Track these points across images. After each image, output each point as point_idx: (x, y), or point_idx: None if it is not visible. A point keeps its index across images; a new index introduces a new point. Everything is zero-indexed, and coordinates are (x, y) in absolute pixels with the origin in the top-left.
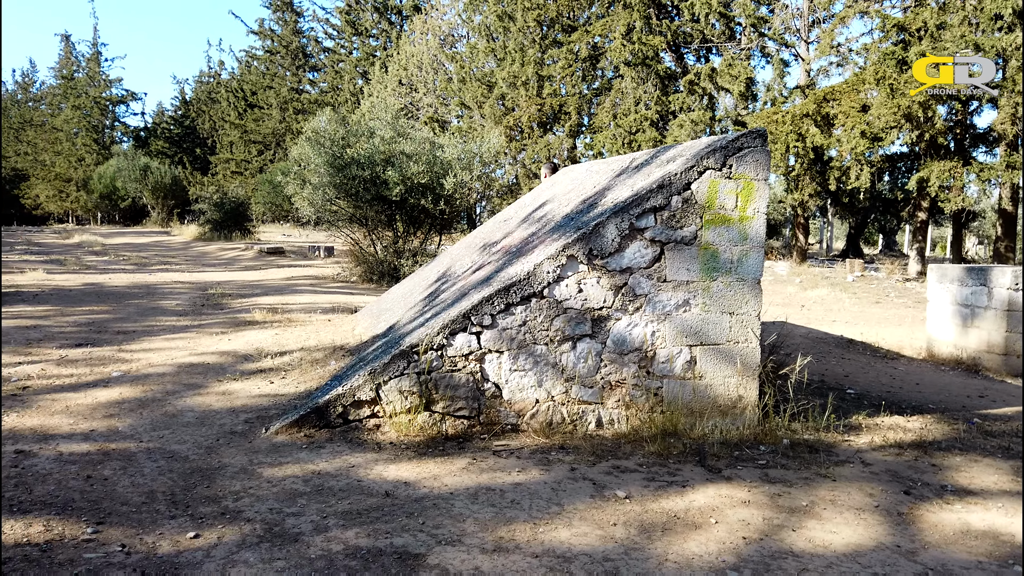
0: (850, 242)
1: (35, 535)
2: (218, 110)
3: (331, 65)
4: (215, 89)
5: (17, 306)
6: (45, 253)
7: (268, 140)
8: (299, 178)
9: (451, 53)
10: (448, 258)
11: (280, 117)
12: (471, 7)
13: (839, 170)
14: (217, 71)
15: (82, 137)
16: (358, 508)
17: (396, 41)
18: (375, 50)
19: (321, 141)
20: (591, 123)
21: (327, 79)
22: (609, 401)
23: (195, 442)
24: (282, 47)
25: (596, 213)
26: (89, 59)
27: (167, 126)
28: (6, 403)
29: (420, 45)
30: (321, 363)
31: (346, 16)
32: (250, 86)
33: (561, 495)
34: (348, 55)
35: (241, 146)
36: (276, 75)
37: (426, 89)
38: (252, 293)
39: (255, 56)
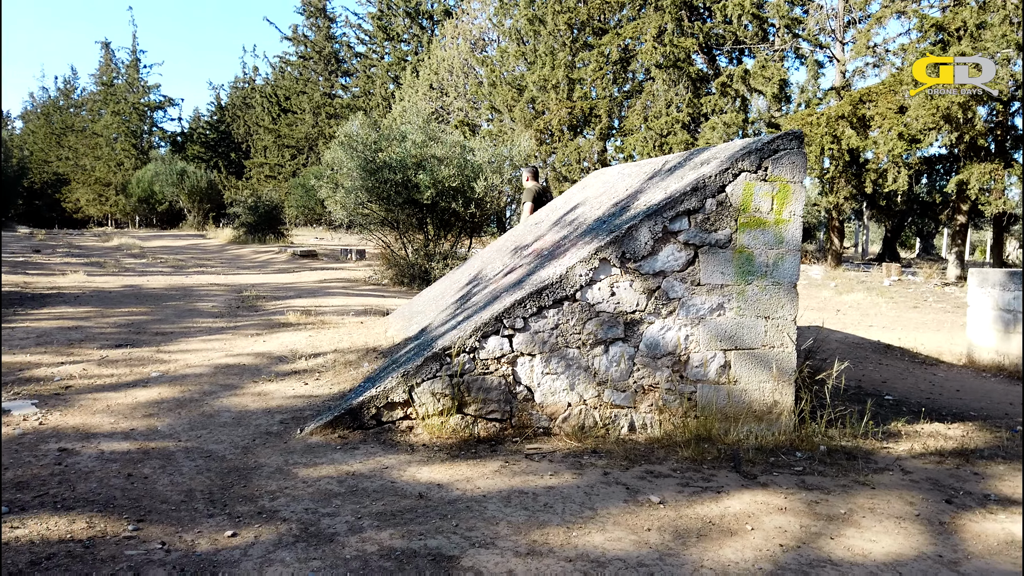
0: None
1: (78, 531)
2: (252, 115)
3: (363, 70)
4: (249, 94)
5: (59, 307)
6: (85, 255)
7: (301, 144)
8: (332, 182)
9: (481, 57)
10: (479, 261)
11: (313, 122)
12: (502, 11)
13: (876, 172)
14: (252, 77)
15: (121, 142)
16: (392, 509)
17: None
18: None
19: (353, 145)
20: (621, 126)
21: (359, 84)
22: (642, 405)
23: (232, 442)
24: (315, 52)
25: (629, 216)
26: (128, 66)
27: (203, 131)
28: (49, 402)
29: (451, 49)
30: (354, 365)
31: (378, 21)
32: (284, 91)
33: (594, 499)
34: (380, 60)
35: (275, 150)
36: (309, 80)
37: (456, 93)
38: (286, 295)
39: (289, 62)
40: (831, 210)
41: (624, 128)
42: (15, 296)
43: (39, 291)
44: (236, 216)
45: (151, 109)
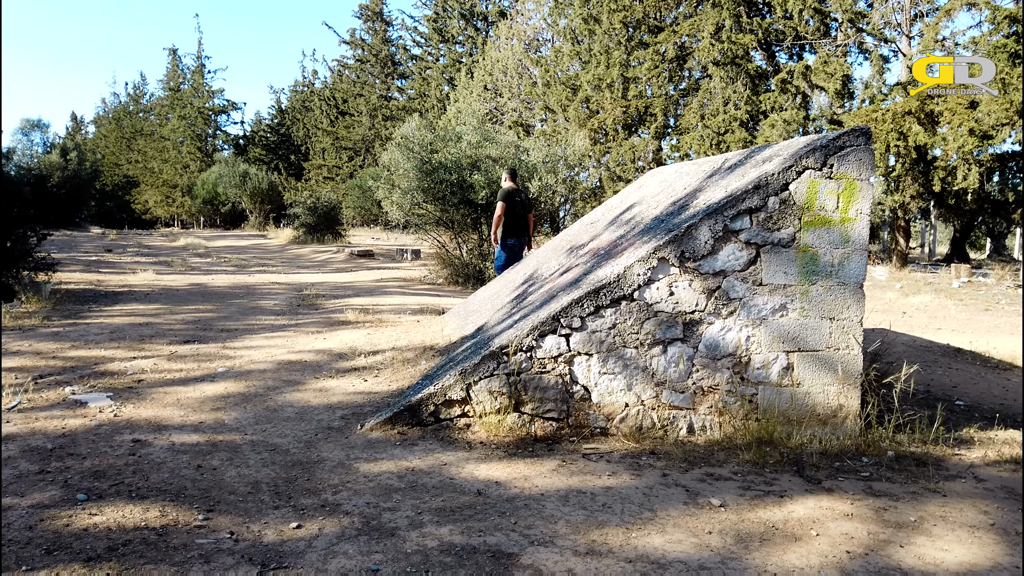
0: (955, 246)
1: (152, 520)
2: (311, 118)
3: (419, 72)
4: (309, 98)
5: (130, 304)
6: (154, 255)
7: (358, 146)
8: (388, 183)
9: (536, 57)
10: (535, 260)
11: (370, 124)
12: (556, 11)
13: (944, 170)
14: (311, 80)
15: (187, 145)
16: (451, 505)
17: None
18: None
19: (410, 146)
20: (677, 124)
21: (414, 86)
22: (701, 407)
23: (295, 436)
24: (372, 56)
25: (688, 215)
26: (194, 71)
27: (264, 134)
28: (123, 395)
29: (505, 50)
30: (412, 362)
31: (433, 24)
32: (341, 94)
33: (653, 501)
34: (435, 62)
35: (332, 152)
36: (366, 83)
37: (511, 94)
38: (344, 294)
39: (346, 65)
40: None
41: (680, 127)
42: (89, 293)
43: (112, 289)
44: (296, 217)
45: (215, 113)
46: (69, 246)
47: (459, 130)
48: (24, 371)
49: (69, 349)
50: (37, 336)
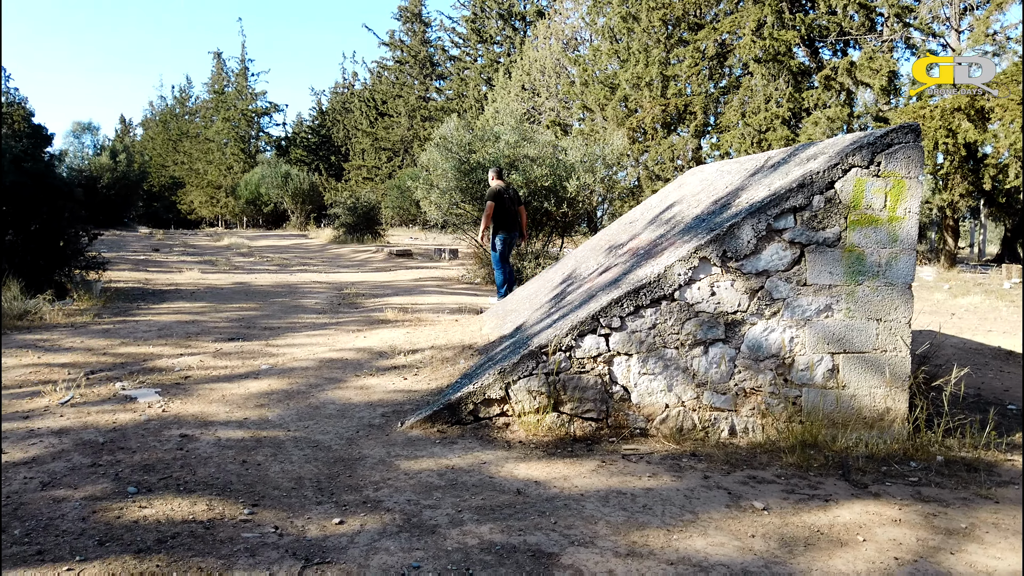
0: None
1: (199, 513)
2: (351, 119)
3: (457, 73)
4: (349, 99)
5: (177, 302)
6: (199, 254)
7: (397, 147)
8: (427, 183)
9: (574, 56)
10: (572, 260)
11: (408, 124)
12: (595, 10)
13: (995, 168)
14: (351, 82)
15: (231, 147)
16: (491, 504)
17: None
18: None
19: (448, 147)
20: (717, 123)
21: (453, 86)
22: (743, 409)
23: (337, 433)
24: (411, 57)
25: (730, 214)
26: (238, 74)
27: (305, 135)
28: (171, 391)
29: (543, 50)
30: (451, 361)
31: (472, 24)
32: (381, 95)
33: (695, 503)
34: (473, 62)
35: (372, 153)
36: (405, 84)
37: (548, 93)
38: (383, 293)
39: (386, 66)
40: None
41: (720, 125)
42: (138, 291)
43: (159, 287)
44: (336, 217)
45: (258, 115)
46: (118, 246)
47: (497, 130)
48: (76, 367)
49: (119, 346)
50: (88, 333)
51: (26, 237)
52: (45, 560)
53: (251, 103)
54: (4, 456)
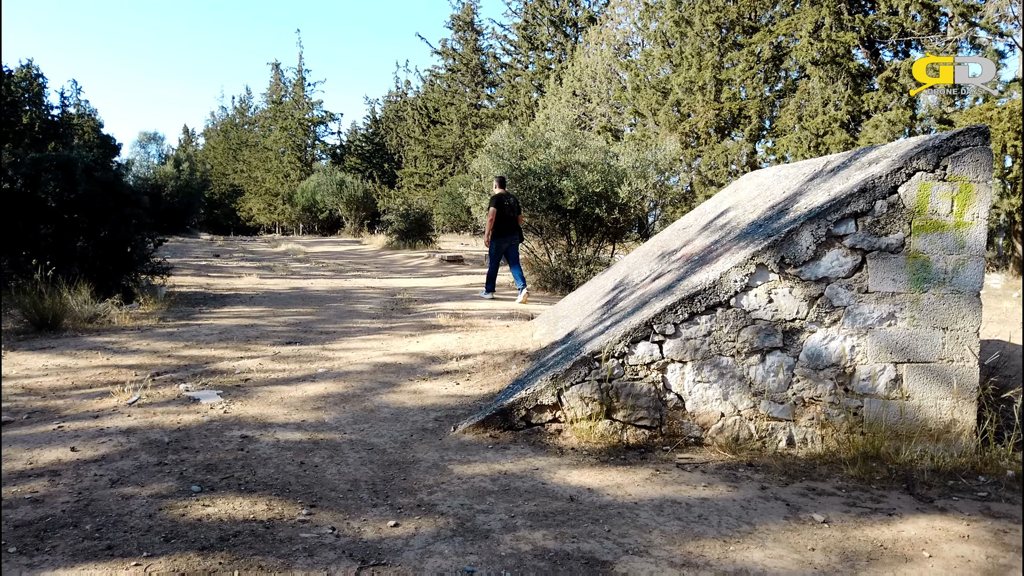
0: None
1: (259, 512)
2: (404, 127)
3: (508, 80)
4: (402, 107)
5: (237, 306)
6: (257, 260)
7: (448, 154)
8: (478, 189)
9: (625, 62)
10: (624, 267)
11: (460, 132)
12: (647, 15)
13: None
14: (404, 91)
15: (288, 155)
16: (544, 510)
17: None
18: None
19: (499, 153)
20: (773, 127)
21: (504, 93)
22: (802, 419)
23: (391, 436)
24: (462, 65)
25: (788, 219)
26: (295, 85)
27: (359, 143)
28: (231, 393)
29: (594, 56)
30: (502, 367)
31: (523, 32)
32: (433, 103)
33: (752, 514)
34: (524, 69)
35: (424, 160)
36: (456, 92)
37: (599, 99)
38: (435, 299)
39: (438, 75)
40: (1014, 213)
41: (776, 129)
42: (200, 296)
43: (220, 292)
44: (389, 223)
45: (314, 124)
46: (181, 251)
47: (548, 136)
48: (143, 368)
49: (183, 348)
50: (154, 336)
51: (96, 243)
52: (115, 555)
53: (307, 112)
54: (76, 453)
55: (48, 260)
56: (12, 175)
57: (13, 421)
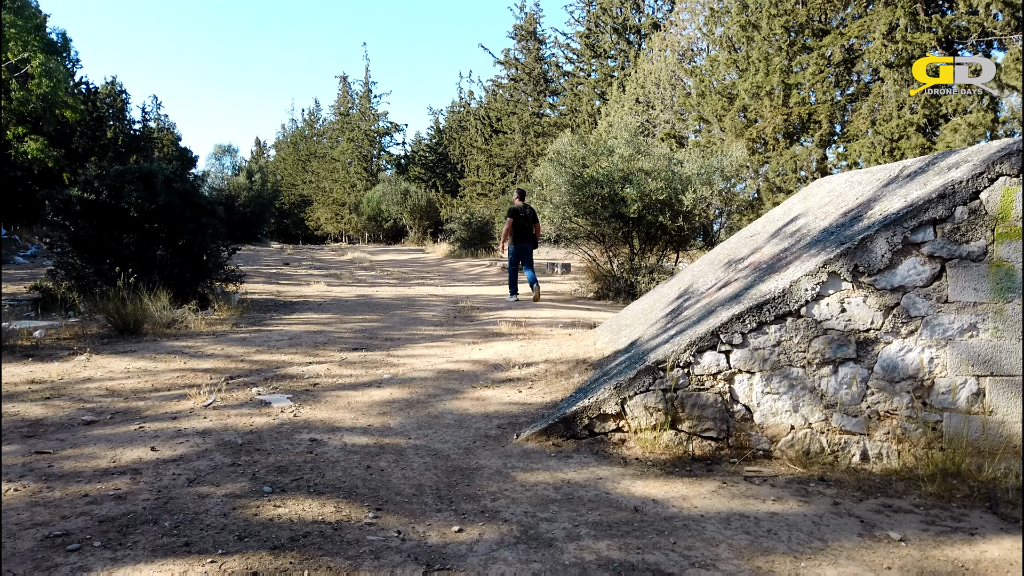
0: None
1: (328, 514)
2: (467, 137)
3: (570, 88)
4: (465, 117)
5: (306, 313)
6: (325, 268)
7: (510, 163)
8: (540, 198)
9: (690, 68)
10: (689, 275)
11: (522, 141)
12: (712, 20)
13: None
14: (467, 101)
15: (354, 166)
16: (608, 520)
17: (634, 60)
18: (613, 70)
19: (562, 161)
20: (844, 131)
21: (566, 102)
22: (876, 433)
23: (455, 442)
24: (525, 74)
25: (862, 226)
26: (361, 97)
27: (423, 153)
28: (301, 397)
29: (658, 62)
30: (565, 375)
31: (586, 40)
32: (495, 113)
33: (824, 530)
34: (587, 77)
35: (486, 169)
36: (519, 101)
37: (663, 105)
38: (497, 307)
39: (500, 84)
40: None
41: (847, 133)
42: (270, 303)
43: (289, 299)
44: (452, 232)
45: (380, 135)
46: (253, 260)
47: (610, 144)
48: (218, 372)
49: (254, 353)
50: (228, 341)
51: (175, 251)
52: (191, 552)
53: (373, 123)
54: (156, 453)
55: (130, 267)
56: (98, 186)
57: (98, 421)
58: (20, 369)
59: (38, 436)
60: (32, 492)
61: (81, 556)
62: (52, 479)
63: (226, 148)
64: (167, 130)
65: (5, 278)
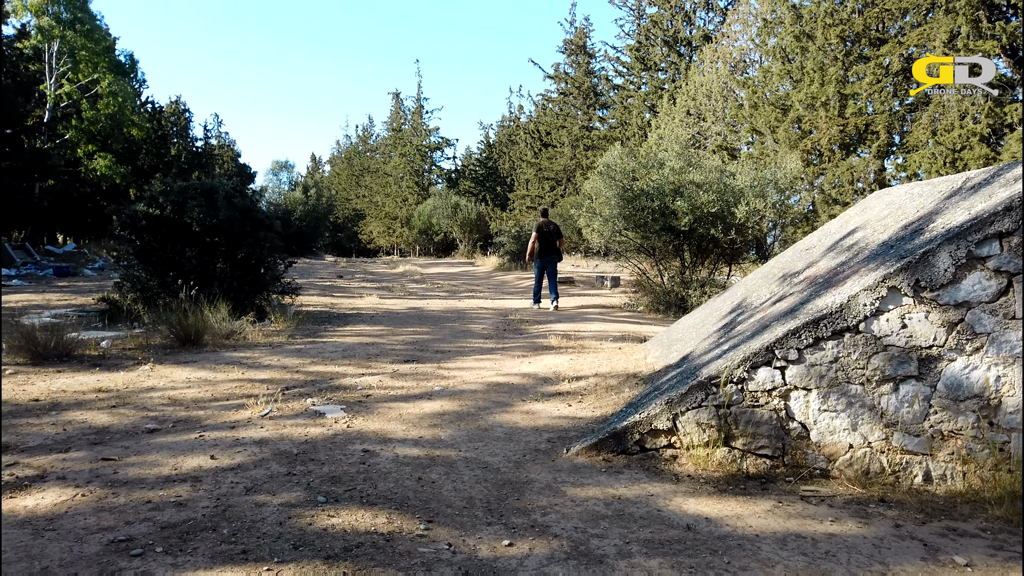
0: None
1: (380, 525)
2: (516, 151)
3: (620, 101)
4: (514, 132)
5: (359, 325)
6: (377, 281)
7: (559, 176)
8: (589, 211)
9: (742, 79)
10: (742, 289)
11: (571, 154)
12: (765, 31)
13: None
14: (516, 115)
15: (406, 180)
16: (660, 538)
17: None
18: (663, 83)
19: (612, 174)
20: (903, 142)
21: (615, 115)
22: (940, 453)
23: (505, 456)
24: (575, 88)
25: (923, 240)
26: (413, 112)
27: (473, 168)
28: (354, 408)
29: (710, 74)
30: (615, 389)
31: (636, 53)
32: (545, 127)
33: (884, 553)
34: (637, 90)
35: (535, 183)
36: (568, 115)
37: (715, 118)
38: (546, 320)
39: (550, 98)
40: None
41: (907, 144)
42: (324, 315)
43: (343, 311)
44: (501, 245)
45: (431, 150)
46: (308, 272)
47: (661, 156)
48: (274, 383)
49: (309, 364)
50: (284, 352)
51: (234, 264)
52: (249, 560)
53: (425, 139)
54: (215, 461)
55: (192, 280)
56: (162, 202)
57: (160, 429)
58: (88, 378)
59: (104, 443)
60: (98, 497)
61: (144, 561)
62: (117, 485)
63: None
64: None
65: (75, 289)
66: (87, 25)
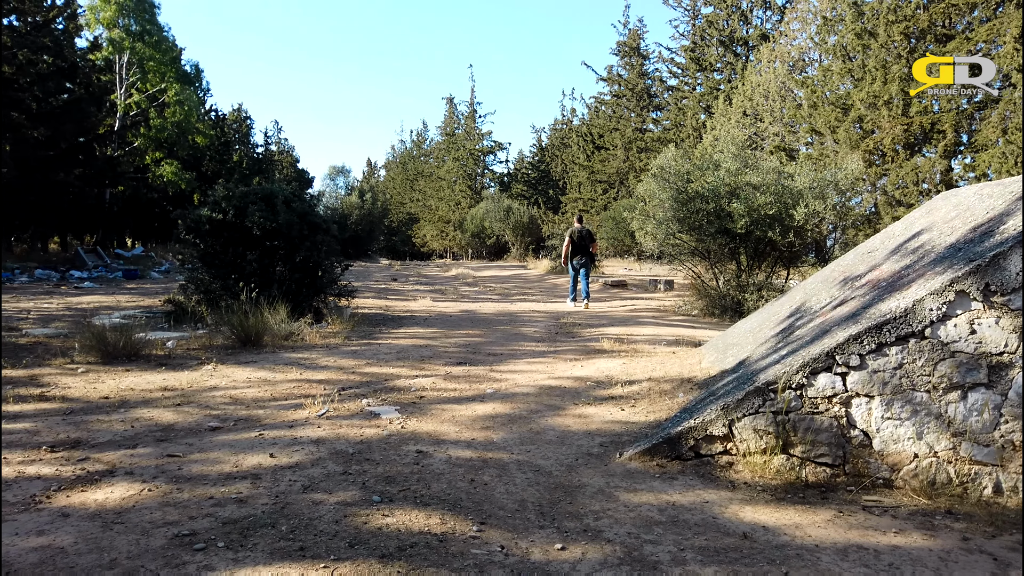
0: None
1: (433, 526)
2: (568, 154)
3: (674, 103)
4: (567, 135)
5: (412, 328)
6: (430, 284)
7: (612, 179)
8: (643, 214)
9: (801, 79)
10: (801, 292)
11: (624, 156)
12: (825, 29)
13: None
14: (569, 118)
15: (459, 184)
16: (715, 546)
17: (741, 72)
18: (719, 84)
19: (666, 177)
20: (972, 141)
21: (670, 117)
22: (1011, 464)
23: (557, 459)
24: (628, 90)
25: (994, 242)
26: (466, 117)
27: (526, 171)
28: (408, 409)
29: (767, 73)
30: (669, 394)
31: (690, 53)
32: (597, 129)
33: (952, 567)
34: (691, 91)
35: (588, 186)
36: (621, 117)
37: (772, 118)
38: (599, 323)
39: (603, 101)
40: None
41: (975, 143)
42: (379, 317)
43: (397, 314)
44: (553, 248)
45: (484, 154)
46: (363, 275)
47: (716, 158)
48: (330, 383)
49: (364, 366)
50: (340, 353)
51: (292, 267)
52: (306, 556)
53: (478, 143)
54: (274, 459)
55: (252, 283)
56: (225, 207)
57: (222, 427)
58: (154, 377)
59: (169, 440)
60: (164, 493)
61: (206, 555)
62: (181, 481)
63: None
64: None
65: (142, 291)
66: (155, 36)
